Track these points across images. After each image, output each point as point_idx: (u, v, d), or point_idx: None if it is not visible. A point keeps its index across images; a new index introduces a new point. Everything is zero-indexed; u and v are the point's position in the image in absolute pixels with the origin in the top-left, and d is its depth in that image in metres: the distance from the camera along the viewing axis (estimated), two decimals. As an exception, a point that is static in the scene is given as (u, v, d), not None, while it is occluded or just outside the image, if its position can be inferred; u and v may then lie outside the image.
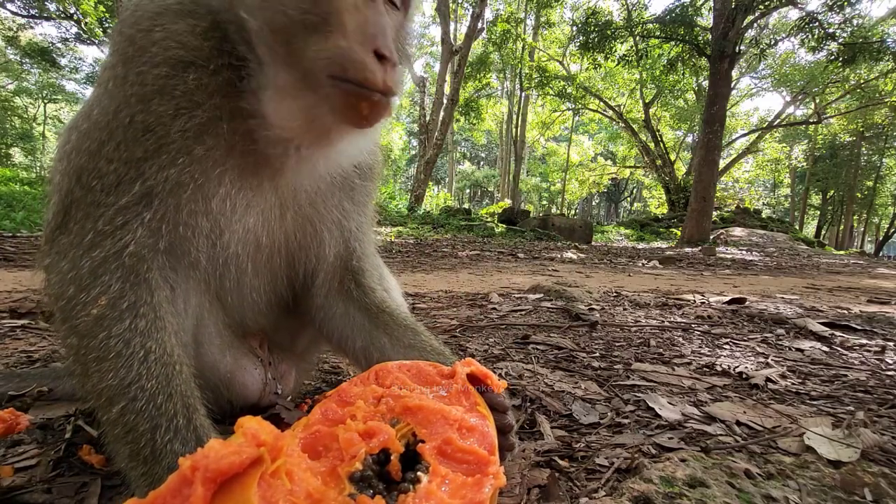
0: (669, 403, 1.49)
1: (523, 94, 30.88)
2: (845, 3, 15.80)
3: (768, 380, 1.76)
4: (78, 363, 0.87)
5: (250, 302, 1.16)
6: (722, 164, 24.08)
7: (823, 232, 39.56)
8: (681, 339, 2.48)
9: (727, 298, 3.89)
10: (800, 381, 1.80)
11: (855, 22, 16.64)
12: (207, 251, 0.98)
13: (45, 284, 0.95)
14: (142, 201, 0.88)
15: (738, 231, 20.83)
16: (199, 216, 0.94)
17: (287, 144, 0.98)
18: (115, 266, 0.87)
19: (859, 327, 2.82)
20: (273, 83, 0.90)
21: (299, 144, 0.98)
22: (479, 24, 18.35)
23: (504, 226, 16.72)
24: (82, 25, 21.76)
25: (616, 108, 28.75)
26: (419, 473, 0.72)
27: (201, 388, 0.94)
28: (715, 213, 23.12)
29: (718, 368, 1.93)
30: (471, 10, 19.17)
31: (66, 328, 0.88)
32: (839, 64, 17.19)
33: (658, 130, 28.86)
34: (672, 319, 3.00)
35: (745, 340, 2.46)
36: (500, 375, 1.72)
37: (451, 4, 20.46)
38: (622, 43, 20.62)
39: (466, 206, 42.56)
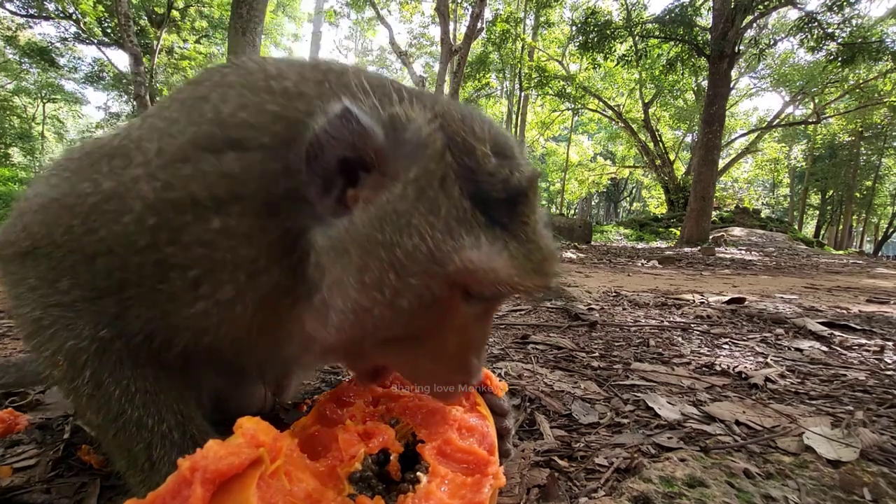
0: (669, 403, 1.49)
1: (523, 94, 30.87)
2: (844, 4, 15.80)
3: (767, 379, 1.76)
4: (62, 394, 0.84)
5: (263, 363, 1.07)
6: (721, 163, 24.10)
7: (822, 232, 39.59)
8: (680, 338, 2.48)
9: (726, 298, 3.89)
10: (799, 380, 1.80)
11: (854, 22, 16.65)
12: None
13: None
14: (105, 313, 0.80)
15: (737, 231, 20.85)
16: (184, 347, 0.82)
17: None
18: (62, 331, 0.79)
19: (858, 327, 2.83)
20: (333, 331, 0.74)
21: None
22: (479, 24, 18.34)
23: (503, 226, 16.68)
24: (81, 25, 21.74)
25: (615, 108, 28.75)
26: (419, 474, 0.72)
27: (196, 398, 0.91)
28: (714, 213, 23.13)
29: (718, 368, 1.93)
30: (470, 10, 19.15)
31: (40, 362, 0.83)
32: (838, 64, 17.20)
33: (657, 130, 28.87)
34: (671, 319, 3.00)
35: (744, 340, 2.46)
36: (499, 375, 1.72)
37: (450, 4, 20.45)
38: (621, 43, 20.61)
39: (466, 205, 42.41)
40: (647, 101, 27.75)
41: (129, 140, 0.83)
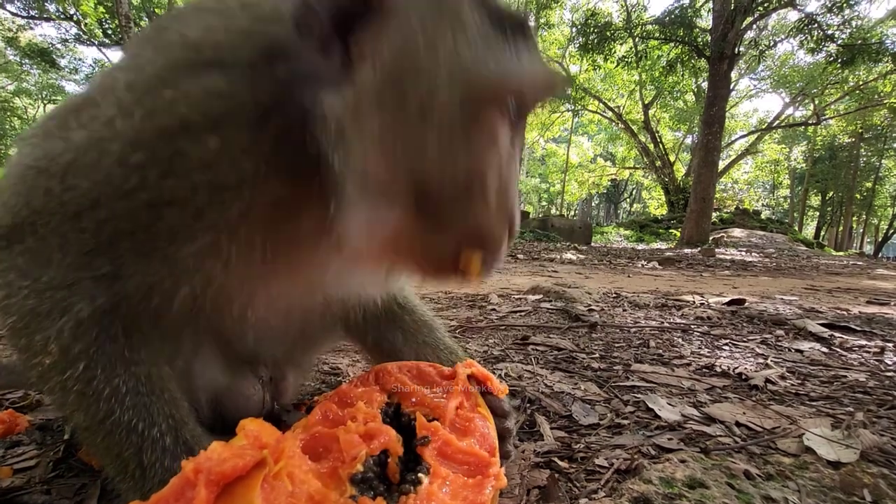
0: (669, 404, 1.49)
1: (523, 95, 30.85)
2: (844, 5, 15.83)
3: (768, 381, 1.76)
4: (46, 392, 0.79)
5: (262, 339, 1.05)
6: (721, 165, 24.10)
7: (823, 233, 39.60)
8: (680, 340, 2.48)
9: (726, 299, 3.89)
10: (799, 381, 1.80)
11: (854, 23, 16.69)
12: (192, 320, 0.84)
13: None
14: (99, 282, 0.74)
15: (737, 232, 20.87)
16: (187, 299, 0.79)
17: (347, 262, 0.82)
18: (57, 317, 0.74)
19: (858, 328, 2.83)
20: (368, 224, 0.72)
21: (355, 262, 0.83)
22: (479, 26, 18.35)
23: (503, 227, 16.69)
24: (82, 26, 21.78)
25: (615, 110, 28.78)
26: (420, 475, 0.72)
27: (193, 401, 0.89)
28: (714, 215, 23.13)
29: (718, 369, 1.93)
30: (470, 12, 19.16)
31: (21, 359, 0.78)
32: (838, 65, 17.23)
33: (657, 131, 28.90)
34: (671, 320, 3.01)
35: (744, 341, 2.46)
36: (499, 376, 1.72)
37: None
38: (621, 44, 20.64)
39: (466, 206, 42.43)
40: (647, 102, 27.79)
41: (94, 89, 0.80)
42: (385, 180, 0.68)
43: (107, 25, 22.69)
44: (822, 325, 2.82)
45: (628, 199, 55.99)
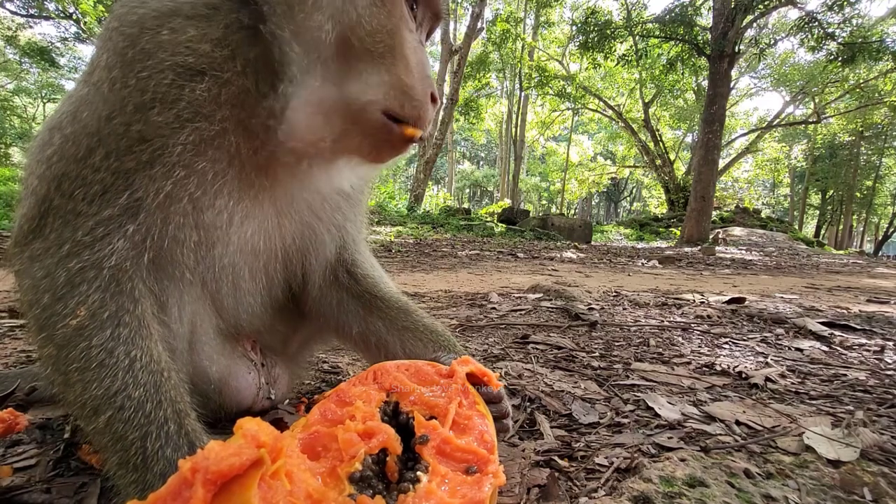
0: (669, 403, 1.49)
1: (523, 94, 30.87)
2: (845, 3, 15.79)
3: (768, 379, 1.76)
4: (58, 373, 0.82)
5: (245, 305, 1.14)
6: (721, 163, 24.09)
7: (823, 231, 39.58)
8: (680, 338, 2.48)
9: (727, 298, 3.89)
10: (799, 380, 1.80)
11: (854, 21, 16.65)
12: (198, 261, 0.96)
13: (18, 289, 0.90)
14: (126, 213, 0.84)
15: (737, 231, 20.85)
16: (189, 229, 0.91)
17: (300, 159, 0.95)
18: (93, 276, 0.82)
19: (859, 327, 2.82)
20: (309, 100, 0.88)
21: (312, 161, 0.96)
22: (479, 24, 18.33)
23: (504, 225, 16.72)
24: (81, 25, 21.72)
25: (615, 108, 28.75)
26: (419, 473, 0.72)
27: (192, 393, 0.92)
28: (714, 213, 23.14)
29: (718, 368, 1.93)
30: (470, 10, 19.16)
31: (42, 338, 0.83)
32: (838, 63, 17.20)
33: (657, 130, 28.87)
34: (672, 319, 3.00)
35: (744, 340, 2.46)
36: (499, 375, 1.72)
37: (450, 4, 20.43)
38: (622, 42, 20.63)
39: (466, 205, 42.61)
40: (647, 100, 27.76)
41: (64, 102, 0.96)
42: (323, 42, 0.85)
43: (106, 24, 22.64)
44: (822, 323, 2.82)
45: (628, 198, 55.99)
